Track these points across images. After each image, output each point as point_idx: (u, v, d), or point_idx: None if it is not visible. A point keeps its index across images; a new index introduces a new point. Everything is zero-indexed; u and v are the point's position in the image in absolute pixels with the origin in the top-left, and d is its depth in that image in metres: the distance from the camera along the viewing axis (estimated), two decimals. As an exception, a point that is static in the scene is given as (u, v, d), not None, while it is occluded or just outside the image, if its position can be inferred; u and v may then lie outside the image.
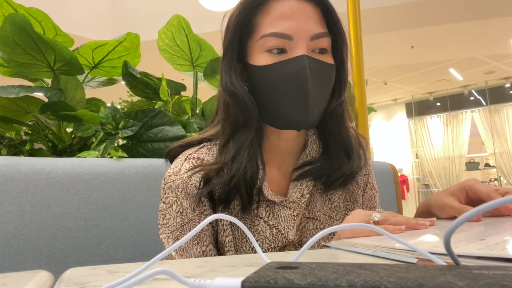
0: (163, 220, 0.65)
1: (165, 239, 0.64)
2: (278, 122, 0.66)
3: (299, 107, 0.62)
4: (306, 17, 0.63)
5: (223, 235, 0.66)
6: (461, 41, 5.46)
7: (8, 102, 1.14)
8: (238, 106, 0.65)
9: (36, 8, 1.14)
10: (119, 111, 1.16)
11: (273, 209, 0.68)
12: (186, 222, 0.63)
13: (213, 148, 0.70)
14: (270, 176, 0.70)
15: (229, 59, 0.67)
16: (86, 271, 0.37)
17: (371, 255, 0.41)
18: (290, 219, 0.68)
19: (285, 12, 0.63)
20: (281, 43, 0.62)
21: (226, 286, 0.24)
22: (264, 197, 0.67)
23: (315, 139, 0.74)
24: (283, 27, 0.62)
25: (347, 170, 0.70)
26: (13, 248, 0.80)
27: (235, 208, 0.66)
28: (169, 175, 0.66)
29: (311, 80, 0.61)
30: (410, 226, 0.54)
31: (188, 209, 0.64)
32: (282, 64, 0.62)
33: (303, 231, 0.70)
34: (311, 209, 0.71)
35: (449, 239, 0.26)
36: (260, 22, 0.64)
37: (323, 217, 0.71)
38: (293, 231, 0.67)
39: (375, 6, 4.11)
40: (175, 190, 0.65)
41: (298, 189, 0.69)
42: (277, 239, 0.66)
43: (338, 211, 0.73)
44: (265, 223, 0.67)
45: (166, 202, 0.65)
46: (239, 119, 0.66)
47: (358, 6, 1.57)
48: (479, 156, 8.87)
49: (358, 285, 0.20)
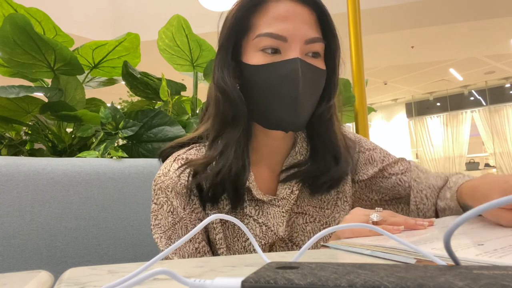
0: (155, 221, 0.66)
1: (158, 239, 0.64)
2: (267, 122, 0.67)
3: (288, 109, 0.63)
4: (302, 21, 0.64)
5: (213, 233, 0.66)
6: (461, 41, 5.47)
7: (8, 102, 1.14)
8: (227, 102, 0.66)
9: (36, 8, 1.14)
10: (119, 111, 1.16)
11: (262, 208, 0.69)
12: (178, 221, 0.64)
13: (202, 149, 0.71)
14: (259, 175, 0.71)
15: (223, 56, 0.67)
16: (86, 271, 0.37)
17: (369, 255, 0.41)
18: (279, 215, 0.69)
19: (282, 14, 0.64)
20: (275, 43, 0.63)
21: (226, 286, 0.24)
22: (253, 197, 0.68)
23: (304, 137, 0.75)
24: (278, 28, 0.63)
25: (334, 174, 0.71)
26: (13, 248, 0.80)
27: (224, 208, 0.67)
28: (159, 176, 0.67)
29: (302, 83, 0.62)
30: (409, 227, 0.54)
31: (179, 208, 0.64)
32: (275, 65, 0.63)
33: (293, 227, 0.71)
34: (299, 204, 0.72)
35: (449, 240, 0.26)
36: (257, 21, 0.65)
37: (313, 210, 0.72)
38: (282, 228, 0.68)
39: (375, 6, 4.11)
40: (165, 190, 0.65)
41: (287, 185, 0.70)
42: (267, 235, 0.67)
43: (329, 199, 0.74)
44: (254, 221, 0.68)
45: (157, 203, 0.66)
46: (227, 116, 0.66)
47: (358, 6, 1.57)
48: (479, 156, 8.87)
49: (358, 285, 0.20)
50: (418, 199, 0.74)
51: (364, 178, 0.78)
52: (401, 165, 0.78)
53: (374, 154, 0.79)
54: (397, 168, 0.78)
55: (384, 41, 5.21)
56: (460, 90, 8.46)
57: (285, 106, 0.64)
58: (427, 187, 0.74)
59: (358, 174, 0.78)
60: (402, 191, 0.76)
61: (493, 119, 8.06)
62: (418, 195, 0.74)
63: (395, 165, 0.78)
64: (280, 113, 0.64)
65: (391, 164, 0.78)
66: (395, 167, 0.78)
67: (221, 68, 0.67)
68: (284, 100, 0.63)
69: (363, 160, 0.79)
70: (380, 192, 0.78)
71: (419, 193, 0.74)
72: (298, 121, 0.64)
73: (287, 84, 0.62)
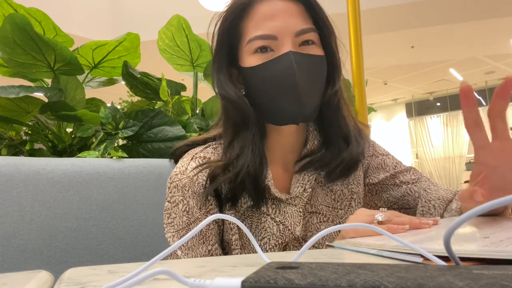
0: (168, 219, 0.66)
1: (170, 238, 0.64)
2: (276, 118, 0.68)
3: (292, 101, 0.64)
4: (289, 15, 0.65)
5: (229, 234, 0.66)
6: (461, 41, 5.47)
7: (8, 102, 1.14)
8: (233, 107, 0.67)
9: (36, 8, 1.14)
10: (119, 111, 1.16)
11: (279, 206, 0.69)
12: (192, 221, 0.64)
13: (218, 147, 0.71)
14: (274, 174, 0.71)
15: (219, 65, 0.69)
16: (86, 271, 0.37)
17: (375, 255, 0.41)
18: (296, 215, 0.69)
19: (268, 13, 0.65)
20: (267, 43, 0.64)
21: (226, 286, 0.24)
22: (271, 195, 0.68)
23: (316, 135, 0.75)
24: (267, 29, 0.64)
25: (346, 156, 0.71)
26: (13, 248, 0.80)
27: (242, 206, 0.67)
28: (176, 174, 0.67)
29: (300, 74, 0.63)
30: (414, 226, 0.54)
31: (195, 208, 0.64)
32: (270, 63, 0.64)
33: (307, 226, 0.71)
34: (313, 203, 0.72)
35: (449, 240, 0.26)
36: (246, 26, 0.67)
37: (326, 210, 0.72)
38: (299, 227, 0.68)
39: (375, 6, 4.11)
40: (181, 189, 0.65)
41: (300, 183, 0.70)
42: (284, 235, 0.68)
43: (343, 199, 0.74)
44: (272, 219, 0.68)
45: (171, 201, 0.66)
46: (237, 121, 0.67)
47: (358, 6, 1.57)
48: (479, 156, 8.85)
49: (358, 285, 0.20)
50: (425, 209, 0.73)
51: (374, 181, 0.78)
52: (413, 174, 0.78)
53: (387, 160, 0.79)
54: (408, 177, 0.77)
55: (384, 41, 5.21)
56: (460, 90, 8.46)
57: (288, 99, 0.64)
58: (436, 198, 0.73)
59: (369, 177, 0.78)
60: (412, 201, 0.76)
61: (493, 119, 8.05)
62: (426, 205, 0.73)
63: (407, 174, 0.78)
64: (285, 107, 0.65)
65: (403, 171, 0.78)
66: (407, 175, 0.77)
67: (218, 76, 0.68)
68: (286, 94, 0.64)
69: (376, 164, 0.79)
70: (389, 201, 0.78)
71: (427, 203, 0.73)
72: (305, 111, 0.65)
73: (285, 78, 0.63)
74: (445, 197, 0.72)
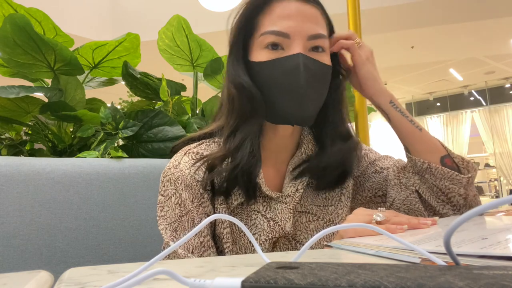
0: (161, 212, 0.67)
1: (163, 231, 0.65)
2: (275, 116, 0.69)
3: (293, 102, 0.65)
4: (305, 18, 0.66)
5: (221, 227, 0.67)
6: (461, 41, 5.46)
7: (8, 102, 1.14)
8: (244, 97, 0.68)
9: (36, 9, 1.14)
10: (119, 111, 1.16)
11: (270, 204, 0.70)
12: (185, 214, 0.65)
13: (211, 144, 0.73)
14: (265, 173, 0.72)
15: (235, 56, 0.70)
16: (86, 271, 0.37)
17: (374, 255, 0.41)
18: (287, 212, 0.70)
19: (285, 13, 0.66)
20: (279, 40, 0.66)
21: (226, 286, 0.24)
22: (262, 193, 0.69)
23: (310, 139, 0.76)
24: (282, 26, 0.65)
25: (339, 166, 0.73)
26: (13, 248, 0.80)
27: (233, 203, 0.68)
28: (169, 168, 0.68)
29: (306, 77, 0.64)
30: (412, 226, 0.55)
31: (187, 201, 0.65)
32: (278, 61, 0.66)
33: (296, 225, 0.72)
34: (303, 203, 0.73)
35: (449, 239, 0.26)
36: (262, 21, 0.68)
37: (316, 209, 0.74)
38: (289, 223, 0.70)
39: (375, 6, 4.11)
40: (174, 182, 0.66)
41: (292, 183, 0.72)
42: (274, 230, 0.69)
43: (334, 195, 0.76)
44: (262, 216, 0.69)
45: (164, 194, 0.67)
46: (245, 111, 0.68)
47: (358, 6, 1.57)
48: (479, 156, 8.87)
49: (358, 285, 0.20)
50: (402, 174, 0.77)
51: (358, 174, 0.80)
52: (391, 160, 0.81)
53: (369, 154, 0.82)
54: (387, 163, 0.80)
55: (384, 41, 5.21)
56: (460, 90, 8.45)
57: (290, 100, 0.65)
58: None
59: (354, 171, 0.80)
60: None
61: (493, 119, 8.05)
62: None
63: (385, 160, 0.81)
64: (286, 107, 0.66)
65: (381, 159, 0.81)
66: (385, 161, 0.81)
67: (235, 67, 0.70)
68: (289, 94, 0.65)
69: (359, 158, 0.81)
70: (373, 188, 0.79)
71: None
72: (304, 114, 0.66)
73: (290, 78, 0.64)
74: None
